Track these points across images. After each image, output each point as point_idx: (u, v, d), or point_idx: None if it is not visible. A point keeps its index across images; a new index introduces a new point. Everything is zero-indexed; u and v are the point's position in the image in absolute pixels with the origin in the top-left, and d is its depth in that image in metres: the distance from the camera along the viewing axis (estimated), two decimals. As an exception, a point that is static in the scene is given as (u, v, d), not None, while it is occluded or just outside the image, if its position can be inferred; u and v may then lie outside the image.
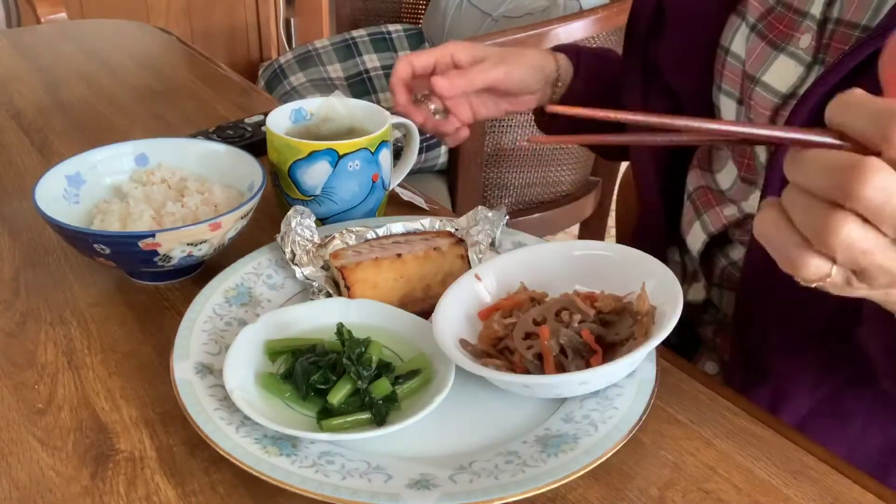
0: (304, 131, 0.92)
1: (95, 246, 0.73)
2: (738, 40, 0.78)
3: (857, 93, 0.42)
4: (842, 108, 0.42)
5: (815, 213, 0.42)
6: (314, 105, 0.93)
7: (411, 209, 0.95)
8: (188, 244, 0.74)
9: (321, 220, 0.87)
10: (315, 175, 0.85)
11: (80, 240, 0.75)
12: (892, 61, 0.42)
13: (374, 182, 0.88)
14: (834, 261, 0.43)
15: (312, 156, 0.84)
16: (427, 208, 0.96)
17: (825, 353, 0.75)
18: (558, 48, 0.97)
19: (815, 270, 0.44)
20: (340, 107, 0.93)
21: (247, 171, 0.84)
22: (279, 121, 0.89)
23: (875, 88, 0.45)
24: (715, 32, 0.80)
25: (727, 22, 0.80)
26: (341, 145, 0.84)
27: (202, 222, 0.74)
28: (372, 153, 0.86)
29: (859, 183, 0.40)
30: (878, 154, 0.41)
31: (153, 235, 0.72)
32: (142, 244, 0.73)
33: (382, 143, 0.87)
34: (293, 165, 0.85)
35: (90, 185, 0.85)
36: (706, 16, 0.81)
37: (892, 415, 0.75)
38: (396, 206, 0.96)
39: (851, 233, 0.41)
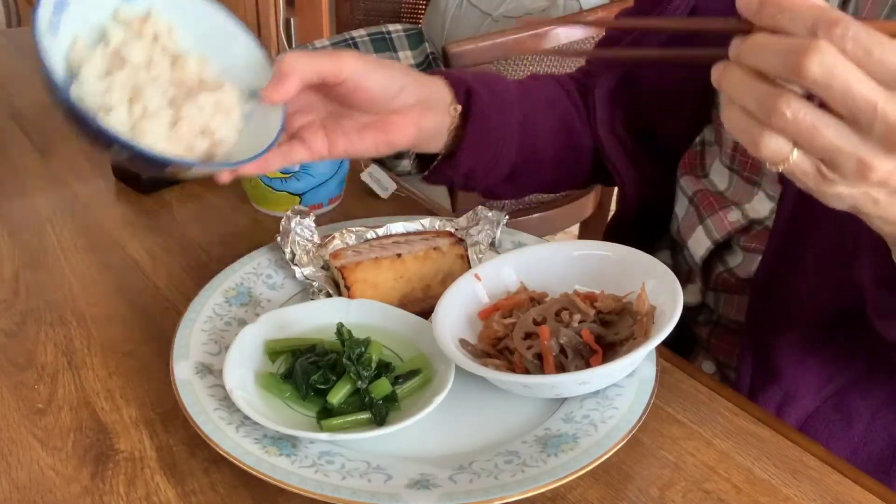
0: None
1: (114, 146, 0.60)
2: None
3: None
4: (775, 11, 0.45)
5: (762, 95, 0.46)
6: None
7: (411, 206, 0.95)
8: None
9: (299, 195, 0.91)
10: None
11: (100, 136, 0.59)
12: None
13: None
14: (794, 144, 0.47)
15: None
16: (385, 197, 0.97)
17: (833, 352, 0.75)
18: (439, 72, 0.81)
19: (776, 149, 0.47)
20: None
21: (244, 59, 0.68)
22: None
23: None
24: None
25: None
26: None
27: (241, 162, 0.63)
28: None
29: (807, 59, 0.43)
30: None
31: (192, 166, 0.63)
32: (170, 168, 0.62)
33: None
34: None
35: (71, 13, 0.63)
36: (717, 13, 0.81)
37: None
38: (395, 204, 0.96)
39: (798, 107, 0.45)
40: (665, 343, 0.60)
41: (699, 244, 0.84)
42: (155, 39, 0.66)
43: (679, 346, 0.84)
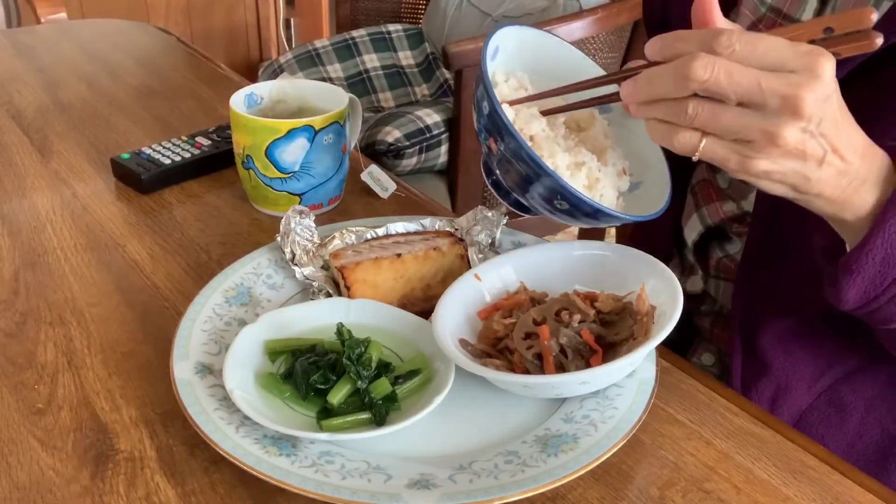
0: (260, 114, 0.93)
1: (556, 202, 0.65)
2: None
3: (675, 32, 0.55)
4: (672, 43, 0.55)
5: (668, 106, 0.55)
6: (265, 89, 0.96)
7: (408, 206, 0.95)
8: None
9: (299, 196, 0.91)
10: (294, 152, 0.88)
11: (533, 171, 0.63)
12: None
13: (343, 153, 0.93)
14: (703, 134, 0.55)
15: (291, 134, 0.88)
16: (385, 197, 0.97)
17: (824, 345, 0.75)
18: None
19: (687, 141, 0.56)
20: (290, 88, 0.97)
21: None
22: (239, 107, 0.92)
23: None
24: None
25: None
26: (317, 120, 0.88)
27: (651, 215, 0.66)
28: (341, 125, 0.91)
29: (692, 66, 0.52)
30: None
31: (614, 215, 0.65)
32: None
33: (346, 117, 0.93)
34: (271, 145, 0.88)
35: None
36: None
37: (891, 409, 0.76)
38: (395, 204, 0.96)
39: (696, 103, 0.54)
40: (667, 337, 0.60)
41: (692, 229, 0.86)
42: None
43: (679, 339, 0.85)
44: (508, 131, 0.62)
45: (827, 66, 0.52)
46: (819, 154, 0.55)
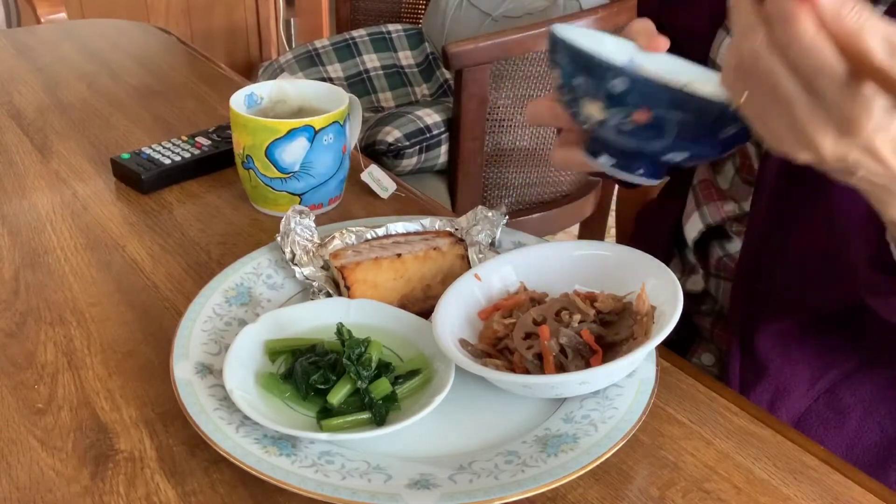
0: (260, 114, 0.93)
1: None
2: (724, 52, 0.79)
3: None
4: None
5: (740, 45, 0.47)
6: (265, 89, 0.96)
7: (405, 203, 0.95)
8: None
9: (299, 196, 0.91)
10: (294, 152, 0.88)
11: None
12: None
13: (343, 153, 0.93)
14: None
15: (291, 133, 0.88)
16: (385, 197, 0.97)
17: (823, 347, 0.75)
18: None
19: (731, 84, 0.48)
20: (290, 88, 0.97)
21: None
22: (239, 107, 0.92)
23: None
24: (706, 47, 0.82)
25: (715, 36, 0.81)
26: (317, 120, 0.88)
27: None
28: (341, 125, 0.91)
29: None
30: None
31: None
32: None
33: (346, 117, 0.93)
34: (271, 145, 0.88)
35: None
36: (697, 31, 0.82)
37: (890, 411, 0.76)
38: (396, 204, 0.96)
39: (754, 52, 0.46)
40: (667, 336, 0.60)
41: (693, 228, 0.86)
42: None
43: (679, 339, 0.85)
44: (665, 85, 0.53)
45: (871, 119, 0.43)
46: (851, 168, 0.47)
